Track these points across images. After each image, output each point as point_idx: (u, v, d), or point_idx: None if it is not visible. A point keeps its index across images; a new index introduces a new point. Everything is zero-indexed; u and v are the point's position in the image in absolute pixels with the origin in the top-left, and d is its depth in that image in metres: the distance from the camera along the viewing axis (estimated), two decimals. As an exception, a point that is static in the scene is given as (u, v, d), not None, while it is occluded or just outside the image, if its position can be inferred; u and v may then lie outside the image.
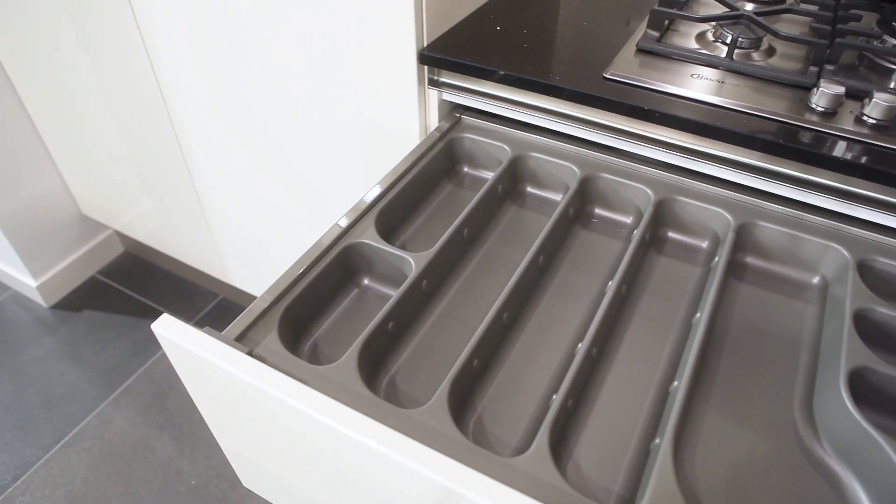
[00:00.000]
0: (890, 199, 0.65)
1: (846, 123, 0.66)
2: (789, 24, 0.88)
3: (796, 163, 0.66)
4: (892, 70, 0.77)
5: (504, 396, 0.58)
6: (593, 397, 0.57)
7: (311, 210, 1.13)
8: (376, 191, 0.71)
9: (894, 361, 0.61)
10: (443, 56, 0.77)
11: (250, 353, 0.53)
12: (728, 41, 0.78)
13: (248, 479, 0.70)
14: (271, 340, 0.57)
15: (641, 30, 0.83)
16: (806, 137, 0.65)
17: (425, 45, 0.79)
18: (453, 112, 0.85)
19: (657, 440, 0.52)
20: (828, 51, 0.74)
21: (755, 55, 0.79)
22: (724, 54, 0.77)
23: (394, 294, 0.60)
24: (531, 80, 0.72)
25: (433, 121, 0.85)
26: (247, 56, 0.94)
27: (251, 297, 1.61)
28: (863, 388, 0.55)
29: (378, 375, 0.59)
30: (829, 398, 0.54)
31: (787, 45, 0.82)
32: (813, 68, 0.74)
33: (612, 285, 0.62)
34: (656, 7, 0.80)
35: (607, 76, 0.73)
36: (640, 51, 0.78)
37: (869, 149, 0.64)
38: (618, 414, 0.56)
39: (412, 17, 0.75)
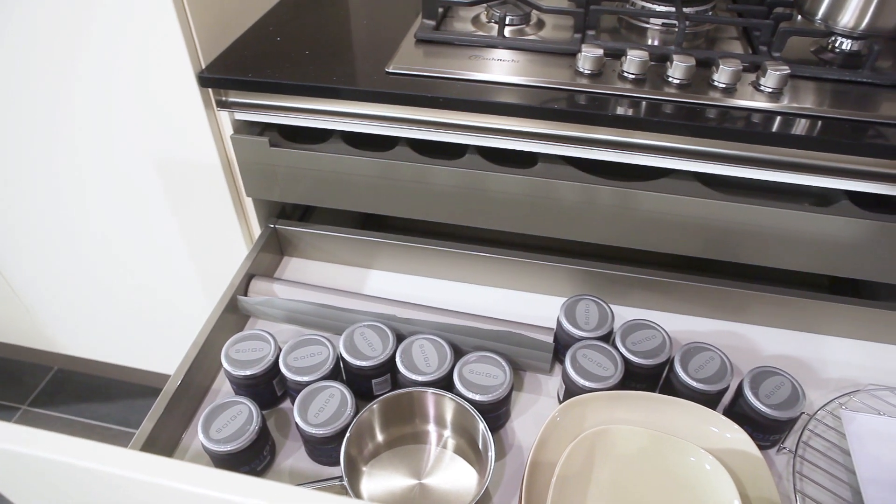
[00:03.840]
0: (660, 143, 0.71)
1: (610, 81, 0.72)
2: (556, -2, 0.94)
3: (576, 124, 0.71)
4: (646, 28, 0.85)
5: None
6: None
7: (127, 258, 1.06)
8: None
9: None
10: (223, 76, 0.75)
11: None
12: (498, 20, 0.82)
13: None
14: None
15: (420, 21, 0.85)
16: (581, 99, 0.70)
17: (203, 67, 0.76)
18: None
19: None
20: (585, 18, 0.80)
21: (528, 30, 0.84)
22: (497, 33, 0.80)
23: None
24: (314, 86, 0.72)
25: (231, 145, 0.82)
26: (19, 105, 0.86)
27: (91, 363, 1.48)
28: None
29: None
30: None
31: (556, 17, 0.87)
32: (577, 35, 0.80)
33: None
34: (427, -3, 0.82)
35: (390, 71, 0.74)
36: (420, 41, 0.80)
37: (632, 101, 0.70)
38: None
39: (182, 41, 0.72)
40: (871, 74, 0.73)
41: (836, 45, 0.79)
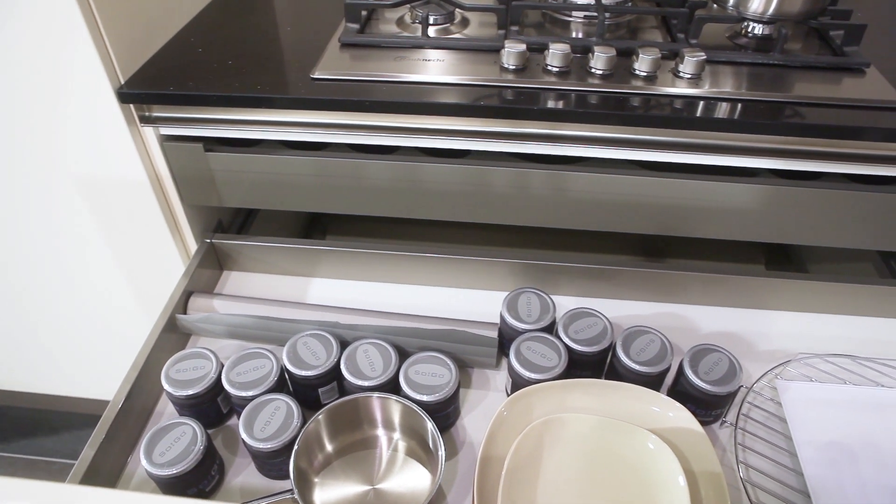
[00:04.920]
0: (588, 133, 0.72)
1: (535, 75, 0.73)
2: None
3: (505, 119, 0.72)
4: (569, 22, 0.86)
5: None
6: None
7: (59, 284, 1.02)
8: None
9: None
10: (143, 90, 0.73)
11: None
12: (421, 20, 0.82)
13: None
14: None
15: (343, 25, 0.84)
16: (507, 94, 0.71)
17: (122, 82, 0.74)
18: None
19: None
20: (507, 14, 0.80)
21: (453, 28, 0.84)
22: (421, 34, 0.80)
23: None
24: (238, 97, 0.71)
25: (159, 160, 0.80)
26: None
27: (30, 396, 1.42)
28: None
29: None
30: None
31: (480, 14, 0.88)
32: (501, 31, 0.81)
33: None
34: (349, 0, 0.82)
35: (315, 77, 0.73)
36: (345, 45, 0.79)
37: (558, 94, 0.71)
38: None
39: (97, 57, 0.70)
40: (781, 57, 0.76)
41: (749, 30, 0.81)
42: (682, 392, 0.70)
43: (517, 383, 0.70)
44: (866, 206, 0.74)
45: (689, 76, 0.72)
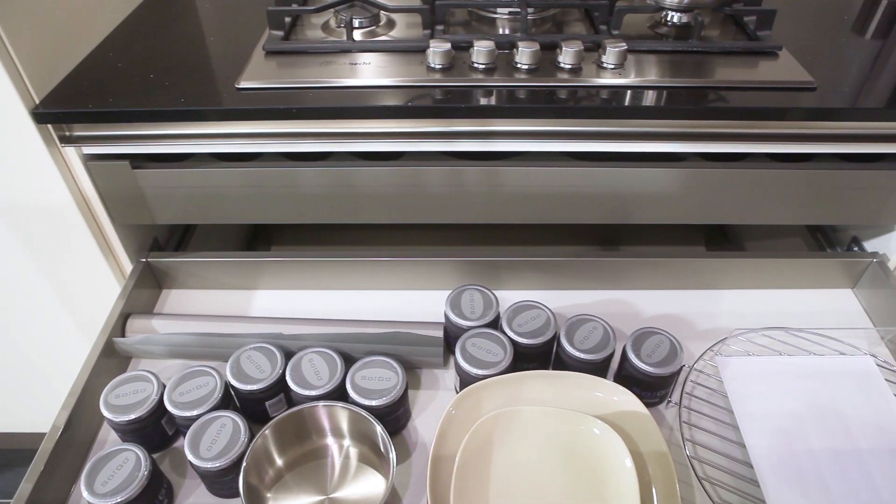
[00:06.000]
0: (518, 127, 0.73)
1: (462, 74, 0.73)
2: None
3: (434, 119, 0.72)
4: (495, 18, 0.87)
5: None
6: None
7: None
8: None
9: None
10: (60, 109, 0.70)
11: None
12: (346, 24, 0.82)
13: None
14: None
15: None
16: (435, 94, 0.71)
17: (37, 101, 0.71)
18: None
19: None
20: (432, 13, 0.81)
21: (379, 30, 0.84)
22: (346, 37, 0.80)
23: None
24: (160, 111, 0.69)
25: (84, 181, 0.78)
26: None
27: (-30, 434, 1.36)
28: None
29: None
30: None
31: (407, 16, 0.88)
32: (426, 31, 0.81)
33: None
34: (271, 7, 0.81)
35: (240, 86, 0.72)
36: (270, 53, 0.78)
37: (485, 91, 0.71)
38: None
39: (6, 77, 0.67)
40: (699, 44, 0.78)
41: (668, 18, 0.84)
42: (627, 376, 0.71)
43: (465, 380, 0.70)
44: (789, 184, 0.77)
45: (613, 66, 0.74)
